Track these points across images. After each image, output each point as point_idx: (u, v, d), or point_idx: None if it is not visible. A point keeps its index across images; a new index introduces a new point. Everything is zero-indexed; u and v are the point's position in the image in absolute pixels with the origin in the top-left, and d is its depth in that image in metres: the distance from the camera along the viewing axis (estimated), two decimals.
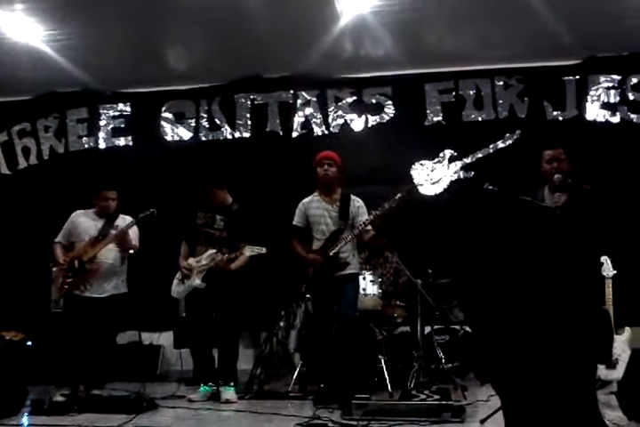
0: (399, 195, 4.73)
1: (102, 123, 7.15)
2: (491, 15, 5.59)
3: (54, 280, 5.28)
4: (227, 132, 6.93)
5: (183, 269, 5.02)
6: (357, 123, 6.73)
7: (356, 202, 4.96)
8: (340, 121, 6.75)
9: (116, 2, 5.27)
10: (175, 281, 5.16)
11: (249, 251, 4.82)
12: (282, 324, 5.76)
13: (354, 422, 3.88)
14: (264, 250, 4.85)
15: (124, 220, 5.39)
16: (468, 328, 5.67)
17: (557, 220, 4.47)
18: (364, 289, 5.28)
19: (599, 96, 6.31)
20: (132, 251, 5.31)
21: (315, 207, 4.96)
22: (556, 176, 4.39)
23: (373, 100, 6.70)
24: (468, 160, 6.44)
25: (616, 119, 6.26)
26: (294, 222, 5.01)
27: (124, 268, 5.37)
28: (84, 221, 5.34)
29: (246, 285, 5.10)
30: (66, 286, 5.13)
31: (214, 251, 4.97)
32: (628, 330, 4.63)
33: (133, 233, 5.30)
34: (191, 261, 5.06)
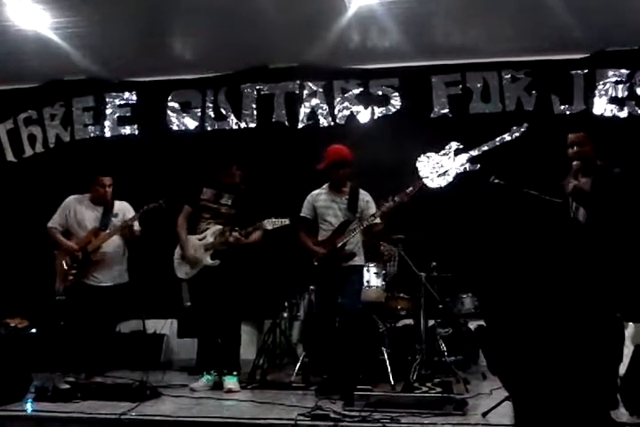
0: (410, 189, 4.70)
1: (108, 111, 7.14)
2: (499, 8, 5.56)
3: (57, 268, 5.30)
4: (232, 122, 6.92)
5: (190, 257, 5.00)
6: (363, 114, 6.71)
7: (366, 196, 4.95)
8: (347, 112, 6.73)
9: None
10: (176, 261, 5.09)
11: (270, 224, 4.79)
12: (285, 315, 5.77)
13: (355, 414, 3.89)
14: (287, 221, 4.80)
15: (121, 206, 5.42)
16: (473, 322, 5.69)
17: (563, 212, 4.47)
18: (367, 281, 5.28)
19: (607, 90, 6.28)
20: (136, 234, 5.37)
21: (323, 199, 4.95)
22: (574, 162, 4.40)
23: (380, 92, 6.68)
24: (474, 153, 6.42)
25: (624, 114, 6.24)
26: (302, 214, 4.99)
27: (125, 256, 5.43)
28: (83, 209, 5.37)
29: (263, 260, 5.04)
30: (71, 277, 5.17)
31: (220, 227, 4.96)
32: (631, 326, 4.63)
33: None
34: (193, 239, 5.03)
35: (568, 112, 6.32)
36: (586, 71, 6.31)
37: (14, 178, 7.11)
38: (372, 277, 5.35)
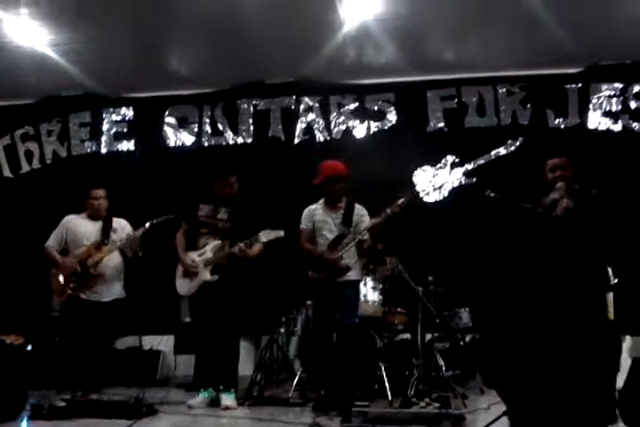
0: (401, 200, 4.71)
1: (105, 127, 7.16)
2: (494, 23, 5.61)
3: (54, 285, 5.28)
4: (229, 137, 6.94)
5: (189, 267, 5.00)
6: (360, 129, 6.74)
7: (361, 210, 4.97)
8: (343, 127, 6.76)
9: (121, 7, 5.28)
10: (178, 278, 5.08)
11: (265, 237, 4.76)
12: (282, 330, 5.75)
13: None
14: (282, 233, 4.76)
15: (119, 223, 5.44)
16: (468, 336, 5.68)
17: (560, 226, 4.47)
18: (364, 295, 5.27)
19: (601, 104, 6.32)
20: (139, 254, 5.36)
21: (320, 213, 4.97)
22: (559, 184, 4.40)
23: (376, 107, 6.72)
24: (470, 166, 6.44)
25: (618, 127, 6.28)
26: (302, 226, 4.99)
27: (123, 272, 5.42)
28: (82, 226, 5.37)
29: (260, 275, 5.06)
30: (69, 291, 5.15)
31: (219, 242, 4.95)
32: (628, 339, 4.62)
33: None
34: (193, 255, 5.02)
35: (563, 126, 6.36)
36: (580, 85, 6.36)
37: (11, 194, 7.11)
38: (369, 292, 5.34)
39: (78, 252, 5.28)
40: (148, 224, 5.29)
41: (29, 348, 5.81)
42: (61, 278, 5.23)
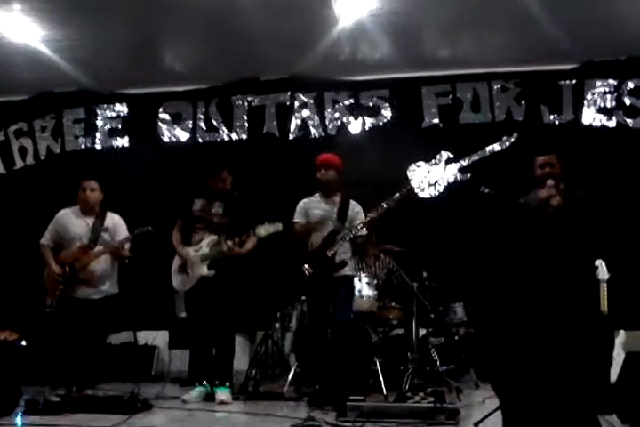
0: (397, 195, 4.73)
1: (99, 123, 7.15)
2: (488, 20, 5.61)
3: (46, 283, 5.27)
4: (224, 133, 6.93)
5: (188, 259, 4.96)
6: (354, 125, 6.74)
7: (355, 207, 4.99)
8: (337, 123, 6.77)
9: (115, 2, 5.28)
10: (174, 273, 5.09)
11: (263, 231, 4.74)
12: (277, 325, 5.76)
13: (348, 424, 3.87)
14: (280, 227, 4.75)
15: (113, 220, 5.39)
16: (462, 331, 5.70)
17: (554, 222, 4.49)
18: (359, 291, 5.27)
19: (595, 100, 6.33)
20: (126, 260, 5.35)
21: (315, 207, 4.99)
22: (549, 181, 4.41)
23: (370, 103, 6.72)
24: (464, 162, 6.44)
25: (612, 124, 6.29)
26: (295, 219, 5.01)
27: (115, 269, 5.39)
28: (73, 224, 5.32)
29: (255, 271, 5.11)
30: (58, 292, 5.14)
31: (215, 237, 4.95)
32: (622, 333, 4.64)
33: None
34: (189, 250, 5.00)
35: (557, 122, 6.37)
36: (574, 81, 6.37)
37: (5, 190, 7.10)
38: (364, 287, 5.34)
39: (66, 254, 5.26)
40: (129, 236, 5.28)
41: (23, 344, 5.81)
42: (51, 280, 5.22)
